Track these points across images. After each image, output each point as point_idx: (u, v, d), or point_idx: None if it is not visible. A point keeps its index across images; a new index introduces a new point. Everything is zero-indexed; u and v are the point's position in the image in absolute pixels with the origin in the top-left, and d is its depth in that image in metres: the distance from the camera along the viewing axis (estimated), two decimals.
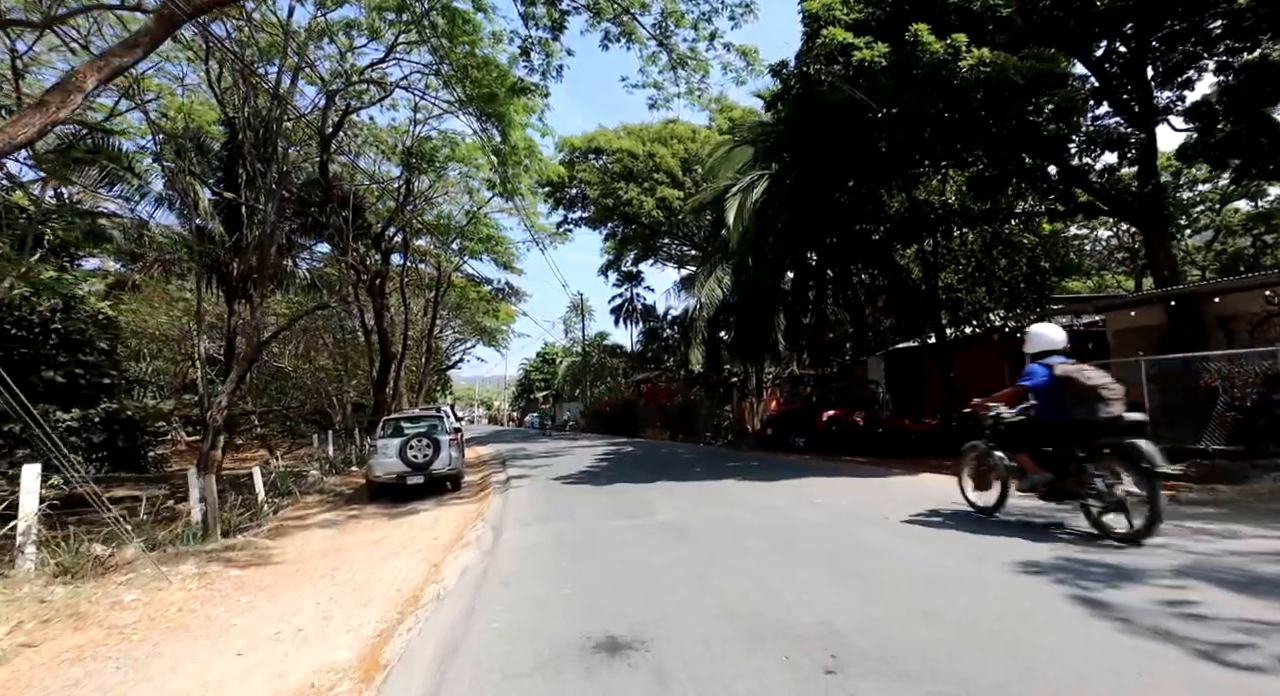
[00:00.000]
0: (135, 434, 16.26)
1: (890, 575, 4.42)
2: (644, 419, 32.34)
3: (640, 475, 11.79)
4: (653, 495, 9.07)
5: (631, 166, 23.82)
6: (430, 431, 12.67)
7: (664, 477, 11.08)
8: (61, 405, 12.34)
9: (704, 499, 8.61)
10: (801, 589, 4.16)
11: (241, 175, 20.46)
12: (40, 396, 11.57)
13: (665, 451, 17.94)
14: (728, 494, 9.06)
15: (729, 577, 4.54)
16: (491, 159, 22.34)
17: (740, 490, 9.35)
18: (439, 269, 33.58)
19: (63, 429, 12.20)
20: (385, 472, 12.04)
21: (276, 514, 11.77)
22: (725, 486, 9.79)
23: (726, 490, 9.42)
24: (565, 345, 55.74)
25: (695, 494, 9.16)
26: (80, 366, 13.79)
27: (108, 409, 13.93)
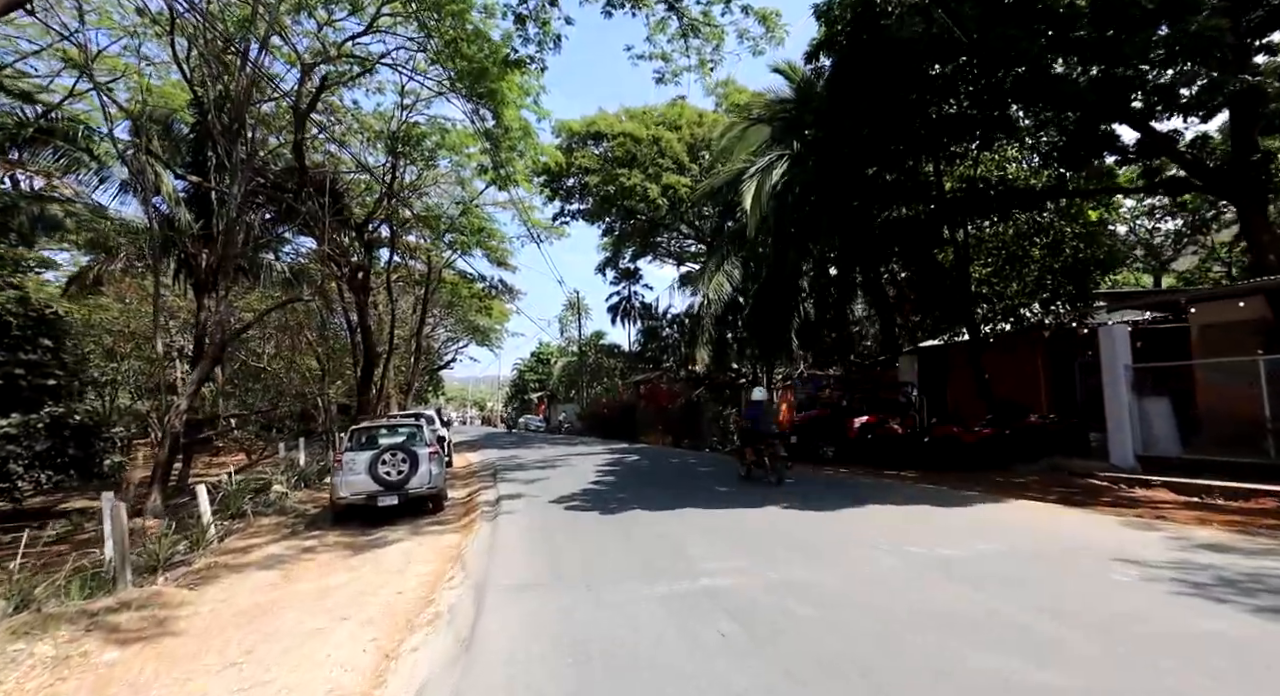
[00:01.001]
0: (89, 440, 14.21)
1: None
2: (644, 422, 30.40)
3: (656, 496, 9.83)
4: (681, 532, 7.11)
5: (634, 152, 21.87)
6: (407, 443, 10.71)
7: (687, 501, 9.11)
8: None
9: (753, 541, 6.55)
10: None
11: (211, 159, 18.38)
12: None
13: (676, 461, 16.00)
14: (781, 531, 7.04)
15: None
16: (483, 142, 20.37)
17: (794, 525, 7.38)
18: (429, 264, 31.61)
19: None
20: (352, 492, 10.07)
21: (221, 542, 9.81)
22: (771, 518, 7.84)
23: (776, 524, 7.45)
24: (560, 345, 53.74)
25: (737, 531, 7.15)
26: (21, 366, 11.77)
27: (53, 413, 11.93)
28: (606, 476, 12.88)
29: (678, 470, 14.11)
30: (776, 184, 15.29)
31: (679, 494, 9.87)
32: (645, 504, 8.97)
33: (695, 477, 12.43)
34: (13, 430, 11.21)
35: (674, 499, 9.29)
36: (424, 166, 24.85)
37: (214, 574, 7.68)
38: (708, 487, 10.69)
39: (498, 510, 9.49)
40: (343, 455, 10.29)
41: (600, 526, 7.73)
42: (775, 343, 17.69)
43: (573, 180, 26.94)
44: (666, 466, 14.90)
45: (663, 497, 9.51)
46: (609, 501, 9.50)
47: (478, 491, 12.37)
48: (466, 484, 14.16)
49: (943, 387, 16.54)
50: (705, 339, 22.06)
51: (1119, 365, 10.03)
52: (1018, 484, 9.65)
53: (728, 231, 21.88)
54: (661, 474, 13.31)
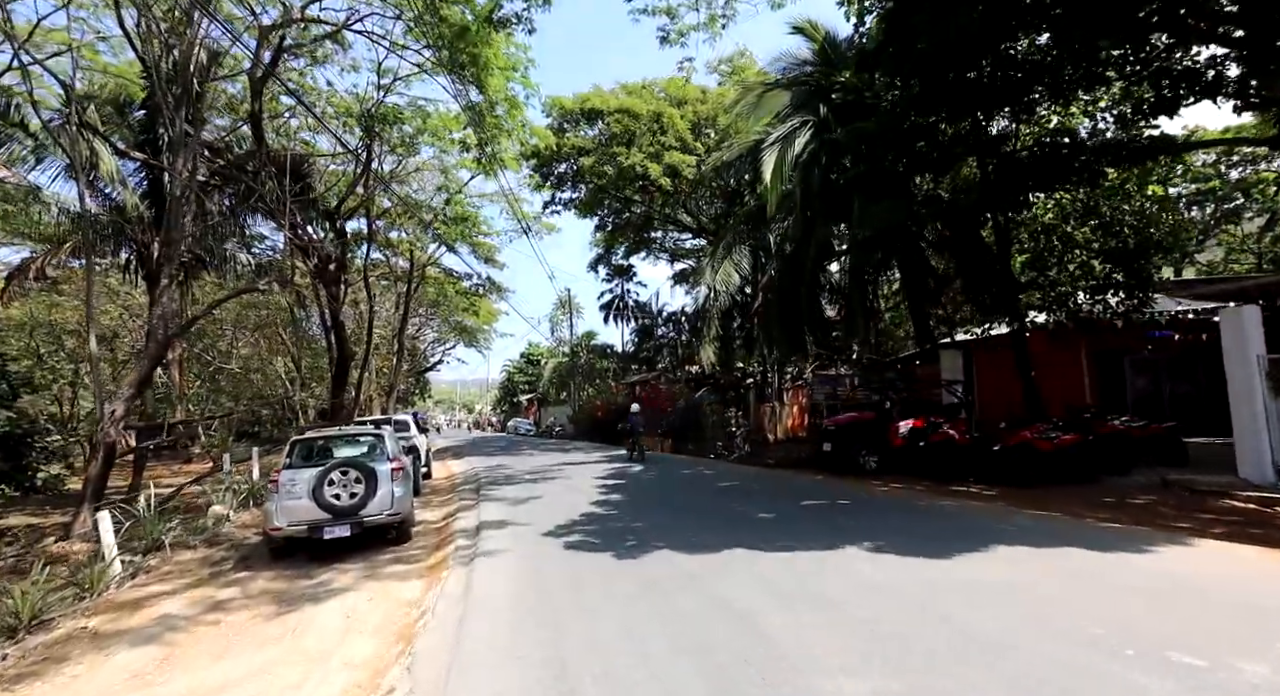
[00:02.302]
0: (19, 450, 11.85)
1: None
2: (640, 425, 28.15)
3: (683, 526, 7.51)
4: (746, 597, 4.74)
5: (633, 129, 19.63)
6: (364, 457, 8.40)
7: (728, 534, 6.81)
8: None
9: (870, 621, 4.08)
10: None
11: (165, 138, 15.89)
12: None
13: (688, 473, 13.74)
14: (898, 599, 4.51)
15: None
16: (466, 118, 18.06)
17: (909, 583, 4.89)
18: (411, 260, 29.23)
19: None
20: (290, 521, 7.74)
21: (119, 588, 7.49)
22: (864, 569, 5.39)
23: (879, 583, 4.92)
24: (551, 346, 51.37)
25: (829, 596, 4.68)
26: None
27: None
28: (611, 493, 10.61)
29: (694, 485, 11.86)
30: (800, 154, 13.16)
31: (712, 523, 7.58)
32: (673, 539, 6.64)
33: (721, 497, 10.17)
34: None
35: (710, 531, 6.98)
36: (404, 153, 22.51)
37: (65, 651, 5.35)
38: (744, 513, 8.37)
39: (476, 547, 7.15)
40: (280, 474, 7.96)
41: (619, 581, 5.41)
42: (793, 336, 15.53)
43: (564, 165, 24.67)
44: (679, 480, 12.65)
45: (693, 529, 7.20)
46: (623, 535, 7.16)
47: (455, 513, 10.05)
48: (444, 502, 11.83)
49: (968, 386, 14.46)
50: (711, 335, 19.90)
51: (1250, 354, 7.96)
52: (1139, 506, 7.51)
53: (737, 215, 19.76)
54: (677, 491, 11.05)
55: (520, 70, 17.76)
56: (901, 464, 10.86)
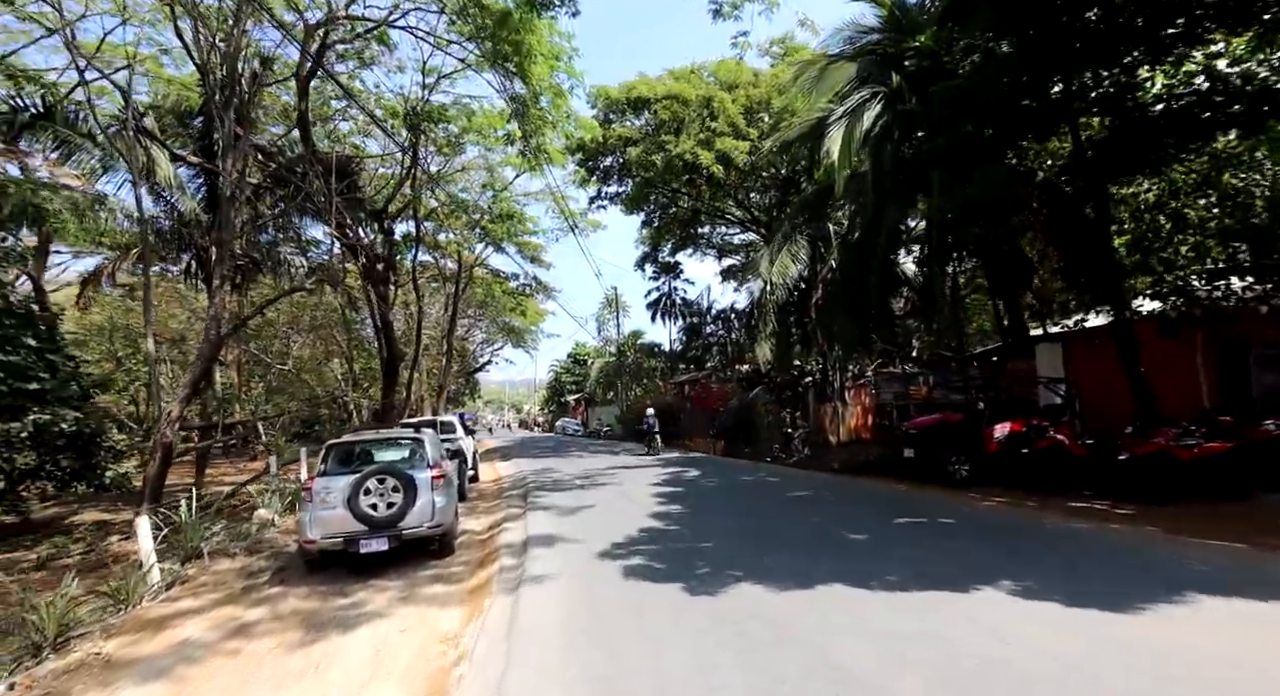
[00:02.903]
0: (89, 450, 11.82)
1: None
2: (690, 426, 27.15)
3: (762, 549, 6.41)
4: (856, 660, 3.69)
5: (682, 115, 18.61)
6: (403, 464, 7.70)
7: (821, 562, 5.71)
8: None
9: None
10: None
11: (219, 143, 15.72)
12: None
13: (749, 480, 12.64)
14: (1106, 685, 3.20)
15: None
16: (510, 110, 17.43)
17: (1121, 665, 3.43)
18: (459, 261, 29.02)
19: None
20: (325, 534, 7.07)
21: (154, 599, 7.01)
22: (1028, 633, 3.96)
23: (1068, 661, 3.51)
24: (597, 345, 50.81)
25: (979, 675, 3.42)
26: (1, 368, 9.37)
27: (37, 421, 9.50)
28: (669, 503, 9.64)
29: (760, 494, 10.78)
30: (871, 129, 11.92)
31: (794, 543, 6.47)
32: (752, 566, 5.58)
33: (794, 509, 9.06)
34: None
35: (794, 555, 5.90)
36: (450, 153, 22.12)
37: (70, 685, 4.74)
38: (828, 531, 7.20)
39: (523, 568, 6.28)
40: (313, 481, 7.31)
41: (693, 623, 4.41)
42: (859, 331, 14.26)
43: (610, 159, 23.88)
44: (741, 488, 11.58)
45: (773, 552, 6.15)
46: (691, 559, 6.11)
47: (502, 523, 9.27)
48: (490, 508, 11.10)
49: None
50: (767, 331, 18.71)
51: None
52: None
53: (794, 204, 18.51)
54: (743, 501, 9.97)
55: (564, 59, 17.03)
56: (997, 473, 9.52)
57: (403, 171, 20.12)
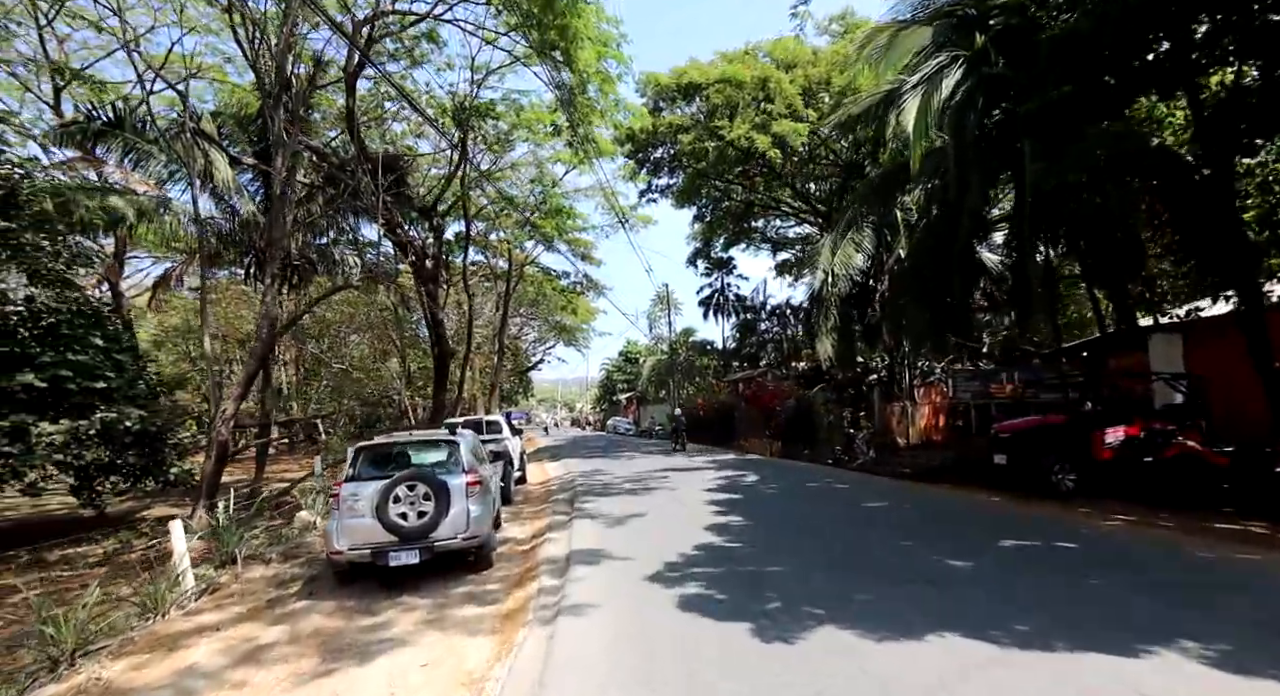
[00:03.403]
0: (156, 447, 11.92)
1: None
2: (745, 425, 25.98)
3: (837, 576, 5.41)
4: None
5: (737, 99, 17.51)
6: (436, 468, 7.02)
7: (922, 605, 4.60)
8: (45, 415, 8.95)
9: None
10: None
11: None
12: (21, 405, 8.62)
13: (815, 486, 11.49)
14: None
15: None
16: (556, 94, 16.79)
17: None
18: (509, 260, 28.76)
19: (44, 444, 8.83)
20: (353, 544, 6.45)
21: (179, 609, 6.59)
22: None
23: None
24: (649, 343, 50.02)
25: None
26: (69, 367, 9.34)
27: (104, 418, 9.48)
28: (729, 513, 8.67)
29: (828, 503, 9.66)
30: (951, 97, 10.61)
31: (882, 570, 5.44)
32: (835, 602, 4.58)
33: (874, 525, 7.89)
34: (60, 438, 8.92)
35: (887, 589, 4.89)
36: (499, 150, 21.70)
37: None
38: (920, 554, 6.06)
39: (562, 593, 5.44)
40: (341, 486, 6.71)
41: (769, 687, 3.43)
42: (935, 324, 12.87)
43: (661, 150, 22.99)
44: (807, 495, 10.48)
45: (859, 583, 5.11)
46: (758, 587, 5.14)
47: (545, 532, 8.51)
48: (535, 514, 10.38)
49: None
50: (829, 326, 17.41)
51: None
52: None
53: (856, 191, 17.16)
54: (810, 511, 8.89)
55: (612, 45, 16.27)
56: (1110, 483, 8.15)
57: (451, 168, 19.79)
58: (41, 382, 9.15)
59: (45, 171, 18.37)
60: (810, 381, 26.13)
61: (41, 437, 9.14)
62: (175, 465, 13.02)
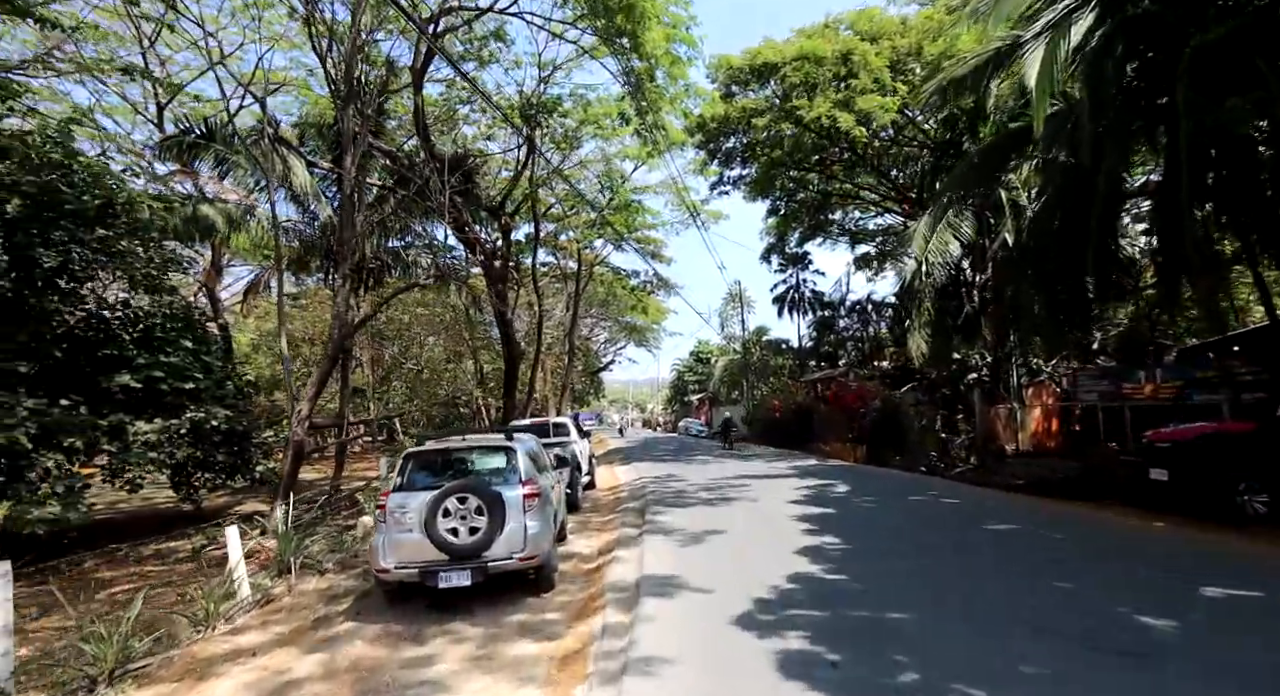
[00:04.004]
0: (243, 445, 12.15)
1: None
2: (824, 428, 24.25)
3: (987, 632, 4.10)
4: None
5: (815, 77, 16.08)
6: (493, 477, 6.22)
7: None
8: (139, 414, 9.15)
9: None
10: None
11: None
12: (119, 404, 8.86)
13: (919, 501, 9.99)
14: None
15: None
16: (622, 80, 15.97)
17: None
18: (579, 259, 28.30)
19: (140, 443, 9.02)
20: (400, 561, 5.72)
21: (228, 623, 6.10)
22: None
23: None
24: (720, 343, 48.57)
25: None
26: (162, 369, 9.45)
27: (193, 418, 9.58)
28: (824, 533, 7.43)
29: (943, 523, 8.22)
30: (1083, 44, 8.95)
31: (1053, 629, 4.02)
32: (1007, 682, 3.31)
33: (1014, 556, 6.41)
34: (153, 436, 9.10)
35: (1071, 663, 3.53)
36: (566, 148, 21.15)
37: None
38: (1107, 610, 4.46)
39: (631, 636, 4.44)
40: (387, 497, 6.02)
41: None
42: (1058, 311, 11.06)
43: (733, 139, 21.78)
44: (913, 512, 9.04)
45: (1033, 653, 3.74)
46: (886, 646, 3.89)
47: (613, 550, 7.58)
48: (604, 526, 9.48)
49: None
50: (922, 320, 15.69)
51: None
52: None
53: (956, 168, 15.36)
54: (926, 536, 7.44)
55: (681, 27, 15.27)
56: None
57: (519, 166, 19.35)
58: (137, 383, 9.28)
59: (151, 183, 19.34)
60: (897, 381, 24.13)
61: (137, 436, 9.22)
62: (260, 464, 13.16)
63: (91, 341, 9.94)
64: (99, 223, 10.36)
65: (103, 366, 9.44)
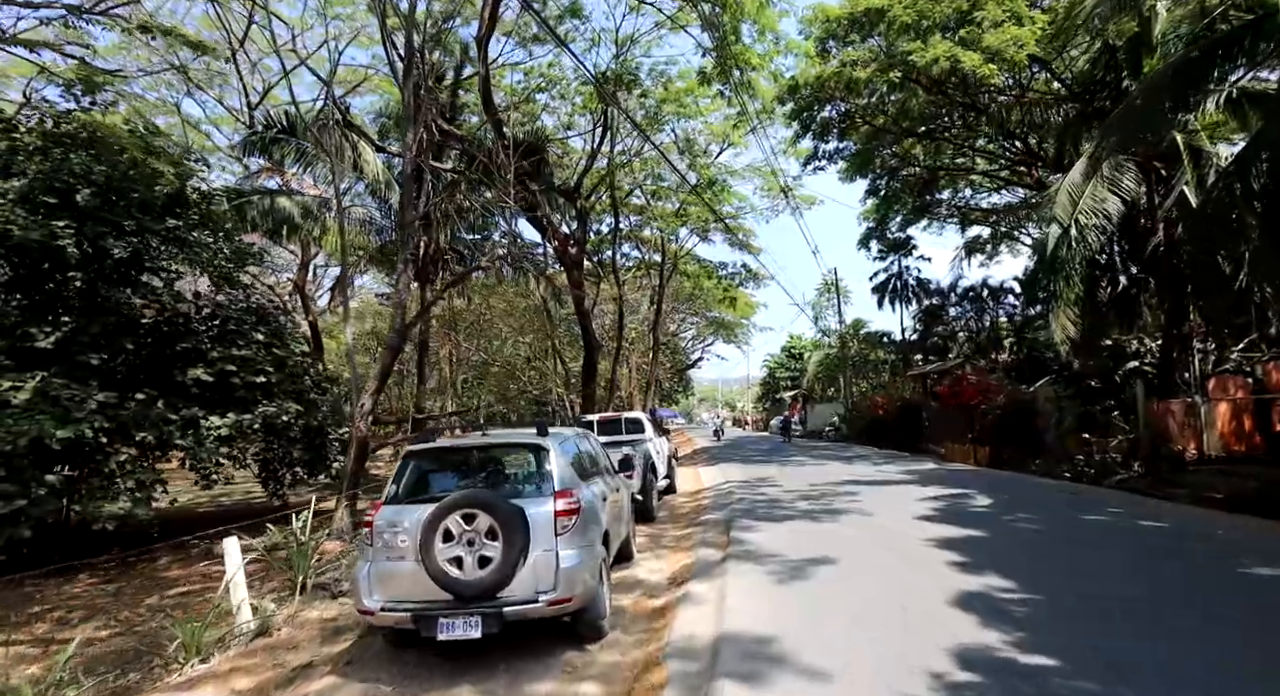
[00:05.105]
0: (321, 442, 11.68)
1: None
2: (937, 427, 21.10)
3: None
4: None
5: (932, 14, 13.33)
6: (507, 487, 4.54)
7: None
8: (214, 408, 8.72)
9: None
10: None
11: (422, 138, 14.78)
12: (193, 399, 8.45)
13: (1103, 523, 7.28)
14: None
15: None
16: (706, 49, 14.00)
17: None
18: (663, 251, 26.62)
19: (213, 438, 8.47)
20: (389, 599, 4.10)
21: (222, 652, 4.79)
22: None
23: None
24: (814, 337, 45.24)
25: None
26: (234, 362, 8.90)
27: (265, 413, 9.01)
28: (984, 573, 5.15)
29: (1152, 551, 5.71)
30: None
31: None
32: None
33: None
34: (226, 431, 8.60)
35: None
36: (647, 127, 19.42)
37: None
38: None
39: None
40: (378, 510, 4.46)
41: None
42: None
43: (829, 110, 19.25)
44: (1108, 540, 6.46)
45: None
46: None
47: (687, 580, 5.70)
48: (679, 543, 7.58)
49: None
50: (1072, 296, 12.61)
51: None
52: None
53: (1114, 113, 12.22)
54: (1152, 576, 5.04)
55: None
56: None
57: (594, 143, 17.86)
58: (209, 377, 8.78)
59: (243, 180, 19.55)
60: (1022, 374, 20.60)
61: (210, 431, 8.67)
62: (337, 460, 12.47)
63: (168, 335, 9.53)
64: (168, 213, 9.90)
65: (179, 360, 9.02)
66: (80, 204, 8.41)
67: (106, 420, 7.56)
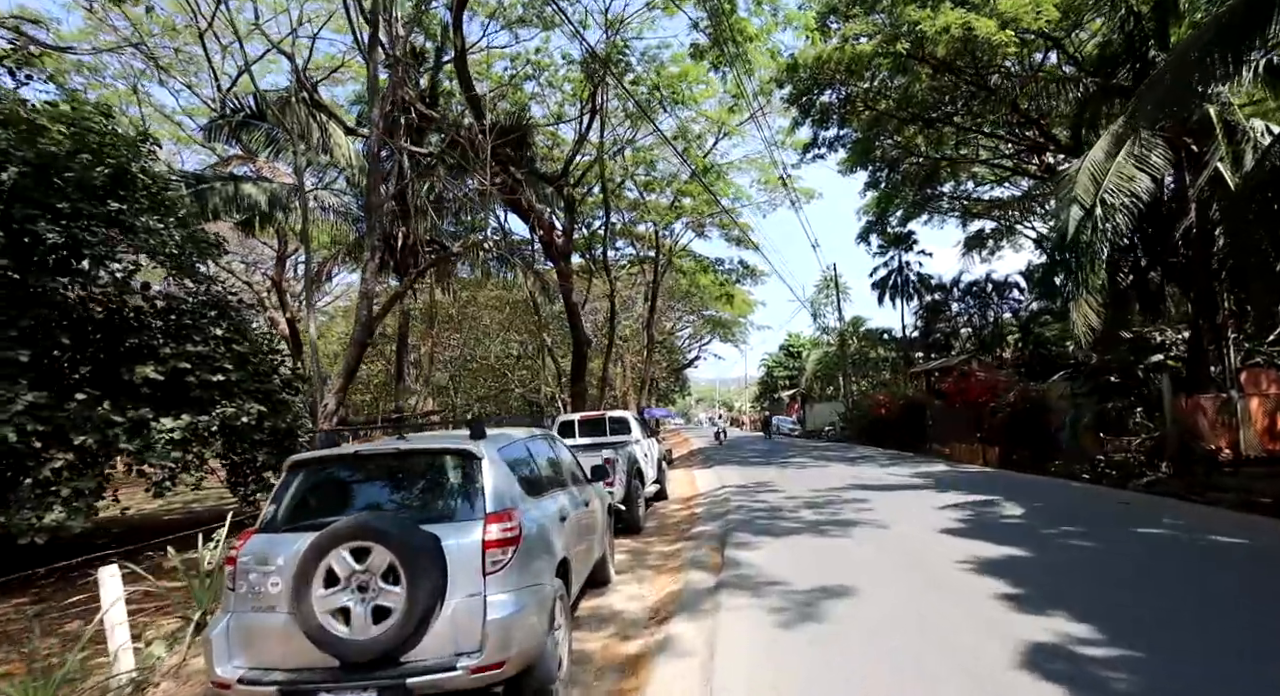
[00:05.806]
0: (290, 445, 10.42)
1: None
2: (942, 426, 19.99)
3: None
4: None
5: None
6: (419, 508, 3.36)
7: None
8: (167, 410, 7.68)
9: None
10: None
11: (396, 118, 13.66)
12: (144, 399, 7.53)
13: (1160, 538, 6.12)
14: None
15: None
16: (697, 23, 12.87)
17: None
18: (656, 247, 25.51)
19: (164, 441, 7.45)
20: (250, 669, 2.92)
21: None
22: None
23: None
24: (813, 335, 44.10)
25: None
26: (188, 359, 7.70)
27: (223, 414, 7.85)
28: (1049, 611, 3.96)
29: (1238, 571, 4.62)
30: None
31: None
32: None
33: None
34: (178, 434, 7.51)
35: None
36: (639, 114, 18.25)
37: None
38: None
39: None
40: (244, 542, 3.30)
41: None
42: None
43: (829, 94, 18.15)
44: (1195, 564, 5.32)
45: None
46: None
47: (671, 616, 4.54)
48: (665, 562, 6.41)
49: None
50: (1095, 284, 11.46)
51: None
52: None
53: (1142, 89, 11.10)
54: (1217, 613, 4.02)
55: None
56: None
57: (582, 128, 16.71)
58: (158, 375, 7.64)
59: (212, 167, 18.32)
60: (1031, 371, 19.51)
61: (161, 434, 7.51)
62: None
63: (116, 329, 8.38)
64: (111, 196, 8.72)
65: (127, 358, 7.90)
66: (5, 182, 7.25)
67: (39, 423, 6.46)
